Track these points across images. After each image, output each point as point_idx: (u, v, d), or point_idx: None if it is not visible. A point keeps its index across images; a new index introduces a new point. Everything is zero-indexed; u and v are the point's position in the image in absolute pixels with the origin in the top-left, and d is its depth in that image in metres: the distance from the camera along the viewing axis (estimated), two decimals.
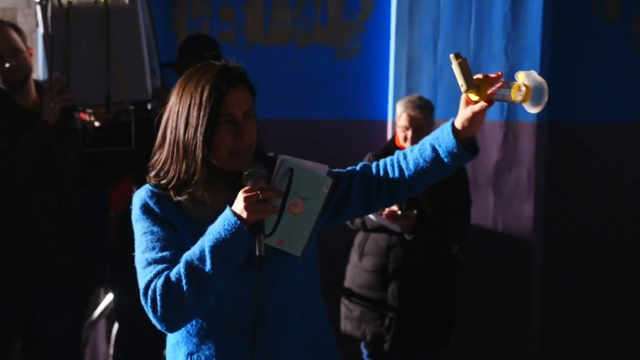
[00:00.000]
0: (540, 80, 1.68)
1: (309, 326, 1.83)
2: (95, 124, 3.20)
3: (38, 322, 3.08)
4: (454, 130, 1.75)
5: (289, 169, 1.64)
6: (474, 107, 1.71)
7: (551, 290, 3.99)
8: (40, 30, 3.12)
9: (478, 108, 1.70)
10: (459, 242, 3.51)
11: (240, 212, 1.62)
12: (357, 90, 4.23)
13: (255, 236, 1.62)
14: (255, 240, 1.63)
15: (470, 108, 1.72)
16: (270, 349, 1.76)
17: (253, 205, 1.61)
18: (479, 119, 1.72)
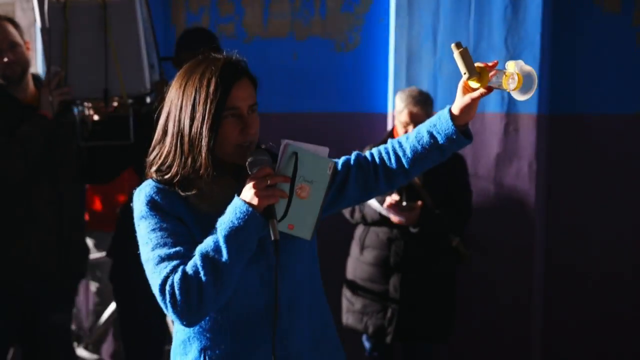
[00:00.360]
0: (529, 69, 1.73)
1: (315, 316, 1.85)
2: (94, 118, 3.19)
3: (38, 315, 3.09)
4: (452, 116, 1.80)
5: (293, 153, 1.66)
6: (473, 94, 1.76)
7: (553, 283, 3.98)
8: (38, 24, 3.11)
9: (477, 95, 1.76)
10: (459, 234, 3.50)
11: (251, 199, 1.63)
12: (357, 83, 4.22)
13: (269, 221, 1.64)
14: (269, 225, 1.64)
15: (469, 95, 1.77)
16: (286, 340, 1.77)
17: (263, 191, 1.63)
18: (475, 105, 1.79)
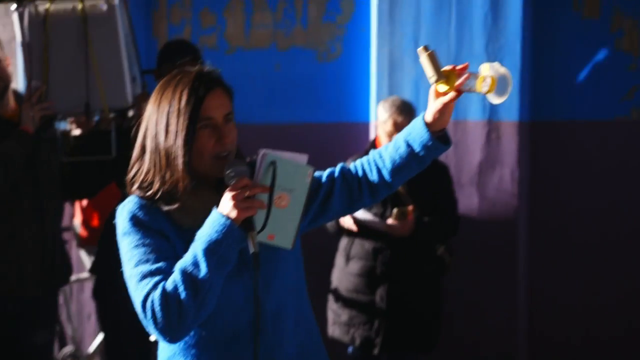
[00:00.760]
0: (504, 72, 1.72)
1: (300, 325, 1.83)
2: (76, 133, 3.17)
3: (20, 335, 3.05)
4: (426, 123, 1.78)
5: (271, 163, 1.63)
6: (444, 98, 1.75)
7: (537, 290, 3.99)
8: (18, 38, 3.09)
9: (448, 99, 1.75)
10: (444, 243, 3.51)
11: (229, 212, 1.61)
12: (339, 93, 4.23)
13: (248, 234, 1.62)
14: (248, 238, 1.62)
15: (441, 99, 1.76)
16: (272, 351, 1.75)
17: (241, 203, 1.61)
18: (449, 109, 1.76)
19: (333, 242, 3.61)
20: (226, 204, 1.62)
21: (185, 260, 1.63)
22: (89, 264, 3.93)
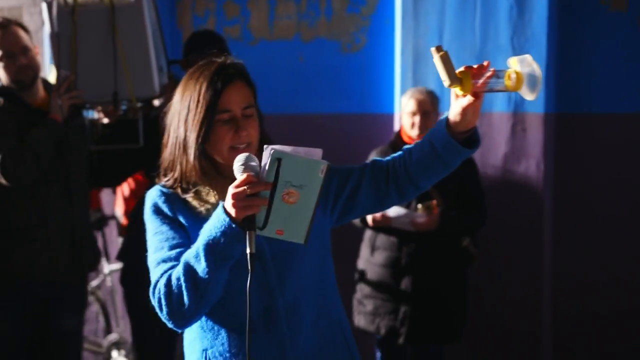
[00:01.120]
0: (533, 66, 1.63)
1: (324, 321, 1.82)
2: (103, 121, 3.20)
3: (50, 320, 3.10)
4: (449, 123, 1.71)
5: (277, 159, 1.60)
6: (462, 102, 1.67)
7: (561, 282, 3.98)
8: (47, 28, 3.12)
9: (466, 103, 1.67)
10: (470, 235, 3.52)
11: (230, 210, 1.60)
12: (363, 84, 4.23)
13: (247, 232, 1.59)
14: (246, 237, 1.60)
15: (459, 102, 1.68)
16: (283, 344, 1.75)
17: (241, 201, 1.58)
18: (470, 112, 1.67)
19: (358, 232, 3.62)
20: (228, 201, 1.61)
21: (190, 252, 1.66)
22: None
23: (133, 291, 3.33)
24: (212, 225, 1.62)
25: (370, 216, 3.38)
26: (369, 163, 1.86)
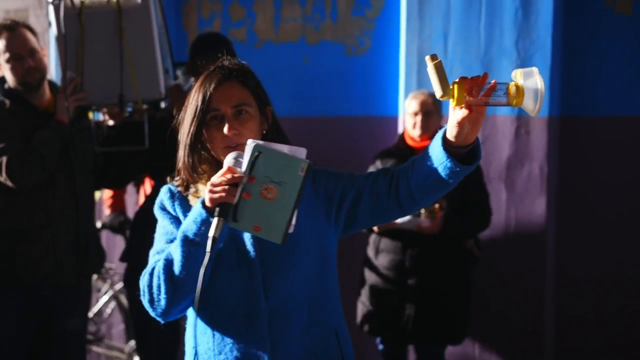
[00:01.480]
0: (537, 80, 1.53)
1: (316, 330, 1.81)
2: (109, 123, 3.22)
3: (54, 320, 3.11)
4: (448, 138, 1.62)
5: (257, 152, 1.62)
6: (457, 115, 1.57)
7: (564, 285, 3.98)
8: (53, 30, 3.14)
9: (460, 116, 1.57)
10: (474, 237, 3.52)
11: (205, 198, 1.66)
12: (368, 87, 4.24)
13: (217, 218, 1.62)
14: (213, 221, 1.62)
15: (454, 115, 1.58)
16: (264, 347, 1.76)
17: (214, 189, 1.63)
18: (467, 126, 1.57)
19: (363, 236, 3.63)
20: (205, 191, 1.67)
21: (172, 244, 1.73)
22: None
23: (136, 291, 3.33)
24: (190, 215, 1.70)
25: None
26: (374, 172, 1.83)
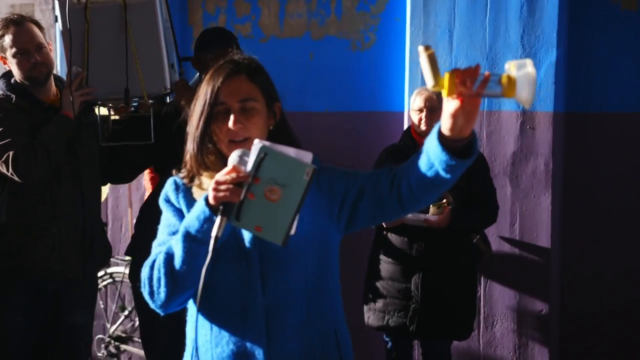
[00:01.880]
0: (529, 71, 1.52)
1: (314, 328, 1.81)
2: (115, 118, 3.22)
3: (61, 314, 3.12)
4: (443, 131, 1.60)
5: (263, 153, 1.62)
6: (450, 106, 1.56)
7: (569, 280, 3.98)
8: (59, 25, 3.14)
9: (453, 108, 1.55)
10: (480, 232, 3.53)
11: (209, 195, 1.66)
12: (373, 82, 4.24)
13: (220, 217, 1.63)
14: (217, 220, 1.63)
15: (447, 107, 1.57)
16: (260, 341, 1.76)
17: (219, 187, 1.63)
18: (461, 118, 1.55)
19: (368, 230, 3.63)
20: (209, 189, 1.67)
21: (174, 238, 1.73)
22: None
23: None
24: (192, 211, 1.70)
25: None
26: (377, 171, 1.83)
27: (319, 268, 1.81)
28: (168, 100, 3.24)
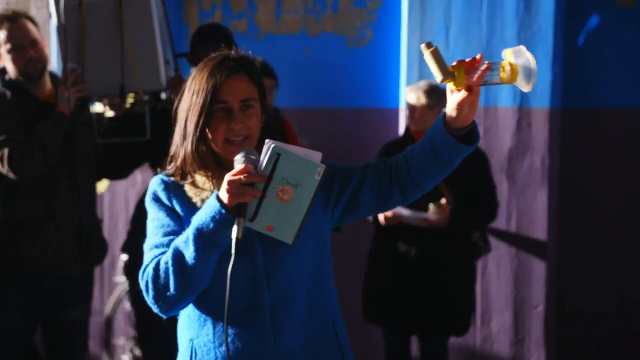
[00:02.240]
0: (527, 57, 1.60)
1: (315, 321, 1.82)
2: (110, 114, 3.21)
3: (57, 311, 3.12)
4: (446, 120, 1.69)
5: (276, 154, 1.63)
6: (457, 96, 1.65)
7: (565, 277, 3.99)
8: (54, 21, 3.13)
9: (460, 97, 1.65)
10: (480, 229, 3.53)
11: (222, 196, 1.64)
12: (369, 79, 4.23)
13: (236, 220, 1.63)
14: (235, 224, 1.63)
15: (454, 97, 1.66)
16: (266, 338, 1.76)
17: (235, 188, 1.62)
18: (467, 107, 1.65)
19: (368, 227, 3.63)
20: (222, 189, 1.65)
21: (180, 238, 1.70)
22: None
23: (136, 283, 3.34)
24: (204, 212, 1.67)
25: (382, 214, 3.39)
26: (373, 163, 1.86)
27: (317, 260, 1.83)
28: (163, 96, 3.23)
